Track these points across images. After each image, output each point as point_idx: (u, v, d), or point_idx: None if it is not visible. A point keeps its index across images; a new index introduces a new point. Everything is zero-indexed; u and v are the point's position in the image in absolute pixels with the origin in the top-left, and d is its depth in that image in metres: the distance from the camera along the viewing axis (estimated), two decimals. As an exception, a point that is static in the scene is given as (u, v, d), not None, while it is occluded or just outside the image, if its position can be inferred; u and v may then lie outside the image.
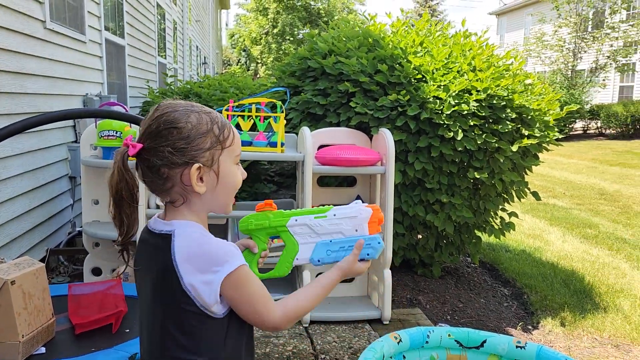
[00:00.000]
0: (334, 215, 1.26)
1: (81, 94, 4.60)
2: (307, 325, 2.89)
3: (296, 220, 1.27)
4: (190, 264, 1.05)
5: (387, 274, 2.96)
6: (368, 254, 1.23)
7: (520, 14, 25.37)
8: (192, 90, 4.71)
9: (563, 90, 16.62)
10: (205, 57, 17.26)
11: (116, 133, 3.18)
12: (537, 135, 3.22)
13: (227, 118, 2.96)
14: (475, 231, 3.71)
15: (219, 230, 3.16)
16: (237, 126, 3.00)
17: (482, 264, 4.46)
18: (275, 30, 29.41)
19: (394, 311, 3.15)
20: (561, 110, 3.48)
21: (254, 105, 2.99)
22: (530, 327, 3.26)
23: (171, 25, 9.57)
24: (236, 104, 3.02)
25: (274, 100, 2.99)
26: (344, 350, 2.63)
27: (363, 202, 1.33)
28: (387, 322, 2.97)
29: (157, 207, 2.86)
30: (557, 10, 17.43)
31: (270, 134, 2.99)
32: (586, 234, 5.74)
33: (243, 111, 3.00)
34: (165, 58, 8.86)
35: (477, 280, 4.02)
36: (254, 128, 3.02)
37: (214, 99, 4.55)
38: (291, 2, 28.77)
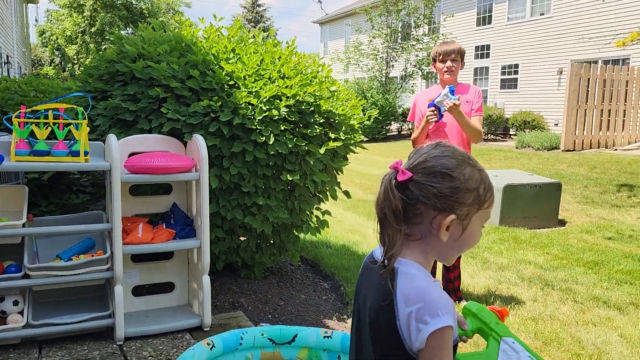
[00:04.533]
0: None
1: None
2: (121, 342, 2.75)
3: (513, 342, 1.31)
4: (407, 306, 1.07)
5: (206, 279, 2.95)
6: None
7: (340, 23, 27.15)
8: (-18, 94, 4.16)
9: (379, 95, 18.19)
10: (8, 56, 15.34)
11: None
12: (342, 138, 3.49)
13: (19, 126, 2.69)
14: (294, 231, 3.88)
15: (13, 249, 2.84)
16: (32, 134, 2.73)
17: (305, 261, 4.68)
18: (93, 29, 27.27)
19: (215, 316, 3.15)
20: (364, 114, 3.81)
21: (50, 111, 2.75)
22: (345, 316, 3.51)
23: (-41, 18, 8.32)
24: (29, 109, 2.74)
25: (74, 106, 2.79)
26: (161, 363, 2.56)
27: (180, 209, 1.29)
28: (208, 329, 2.96)
29: None
30: (371, 22, 19.03)
31: (72, 142, 2.78)
32: (397, 225, 6.36)
33: (38, 118, 2.74)
34: (-49, 56, 7.67)
35: (299, 278, 4.21)
36: (54, 137, 2.79)
37: (10, 104, 4.08)
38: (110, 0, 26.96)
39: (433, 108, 3.41)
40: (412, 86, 19.78)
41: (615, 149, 12.31)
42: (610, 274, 4.51)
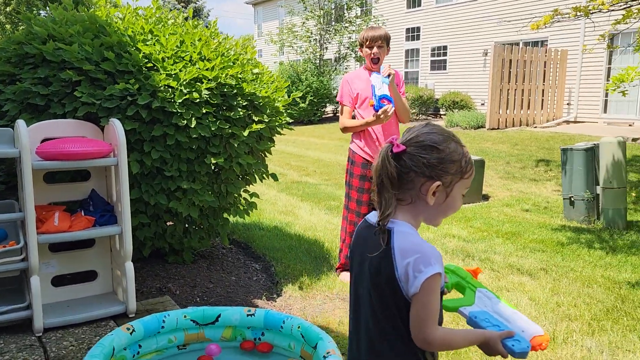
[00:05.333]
0: (514, 312, 1.43)
1: None
2: (40, 334, 2.67)
3: (486, 291, 1.50)
4: (404, 258, 1.26)
5: (129, 266, 2.90)
6: (513, 345, 1.30)
7: (274, 5, 26.81)
8: None
9: (314, 77, 18.21)
10: None
11: None
12: (266, 120, 3.50)
13: None
14: (223, 214, 3.87)
15: None
16: None
17: (236, 243, 4.69)
18: (8, 9, 25.50)
19: (142, 302, 3.12)
20: (289, 97, 3.83)
21: (-50, 96, 2.59)
22: (275, 295, 3.57)
23: None
24: None
25: (-23, 91, 2.64)
26: (83, 352, 2.51)
27: (100, 195, 1.34)
28: (133, 315, 2.92)
29: None
30: (304, 3, 18.93)
31: (-23, 129, 2.64)
32: (330, 205, 6.46)
33: (-64, 104, 2.58)
34: None
35: (230, 260, 4.22)
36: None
37: None
38: (27, -23, 25.20)
39: (385, 101, 3.36)
40: (346, 68, 19.93)
41: (535, 127, 13.01)
42: (525, 243, 4.82)
